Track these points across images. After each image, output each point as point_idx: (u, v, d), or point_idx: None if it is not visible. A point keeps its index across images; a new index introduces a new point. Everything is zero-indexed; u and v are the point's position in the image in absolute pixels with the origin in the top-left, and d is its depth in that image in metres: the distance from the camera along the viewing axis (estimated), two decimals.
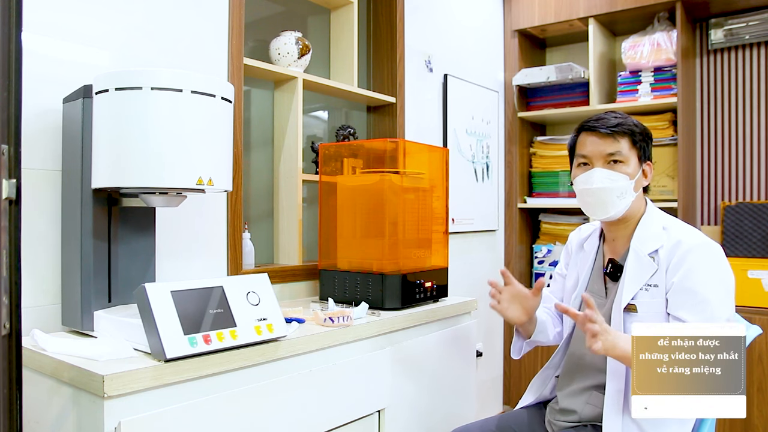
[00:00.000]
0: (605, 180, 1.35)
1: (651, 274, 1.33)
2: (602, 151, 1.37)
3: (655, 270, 1.32)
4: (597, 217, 1.41)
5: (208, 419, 1.16)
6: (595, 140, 1.38)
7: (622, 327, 1.33)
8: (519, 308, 1.48)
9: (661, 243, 1.34)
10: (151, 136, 1.20)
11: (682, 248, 1.30)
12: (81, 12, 1.47)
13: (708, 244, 1.31)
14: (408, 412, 1.69)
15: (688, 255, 1.29)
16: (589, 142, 1.39)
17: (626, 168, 1.36)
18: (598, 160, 1.38)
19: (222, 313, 1.22)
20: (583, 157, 1.41)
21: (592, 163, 1.39)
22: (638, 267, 1.34)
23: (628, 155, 1.37)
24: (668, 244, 1.33)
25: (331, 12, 2.33)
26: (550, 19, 2.99)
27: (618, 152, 1.36)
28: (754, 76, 2.78)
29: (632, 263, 1.36)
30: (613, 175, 1.35)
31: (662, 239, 1.34)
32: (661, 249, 1.33)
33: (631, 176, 1.36)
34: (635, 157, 1.38)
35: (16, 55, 0.75)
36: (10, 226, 0.74)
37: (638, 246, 1.36)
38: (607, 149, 1.37)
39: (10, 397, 0.75)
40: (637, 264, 1.35)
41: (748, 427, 2.42)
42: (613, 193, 1.35)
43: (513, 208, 3.15)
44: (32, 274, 1.36)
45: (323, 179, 1.95)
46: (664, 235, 1.35)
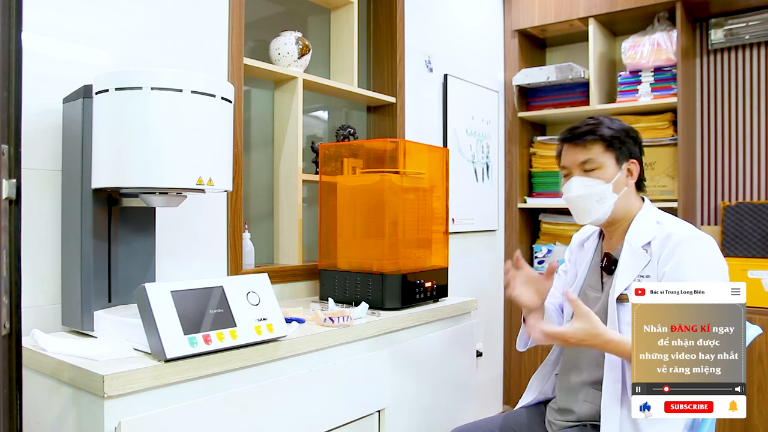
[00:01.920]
0: (581, 187, 1.40)
1: (644, 265, 1.35)
2: (575, 160, 1.42)
3: (648, 261, 1.35)
4: (582, 222, 1.45)
5: (208, 419, 1.16)
6: (569, 150, 1.44)
7: (617, 318, 1.35)
8: (533, 292, 1.49)
9: (654, 235, 1.37)
10: (151, 136, 1.20)
11: (673, 240, 1.33)
12: (81, 12, 1.47)
13: (699, 236, 1.34)
14: (408, 412, 1.69)
15: (679, 246, 1.32)
16: (565, 153, 1.45)
17: (602, 173, 1.40)
18: (575, 168, 1.42)
19: (222, 313, 1.22)
20: (563, 168, 1.47)
21: (571, 172, 1.44)
22: (632, 258, 1.37)
23: (603, 160, 1.40)
24: (660, 236, 1.36)
25: (331, 12, 2.33)
26: (550, 19, 3.00)
27: (590, 159, 1.40)
28: (754, 76, 2.78)
29: (626, 255, 1.39)
30: (588, 182, 1.40)
31: (655, 232, 1.37)
32: (654, 241, 1.36)
33: (608, 180, 1.39)
34: (612, 159, 1.40)
35: (16, 55, 0.75)
36: (10, 226, 0.74)
37: (632, 239, 1.39)
38: (580, 158, 1.41)
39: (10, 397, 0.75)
40: (631, 255, 1.38)
41: (748, 427, 2.42)
42: (591, 199, 1.40)
43: (513, 208, 3.15)
44: (32, 274, 1.36)
45: (323, 179, 1.95)
46: (657, 228, 1.38)
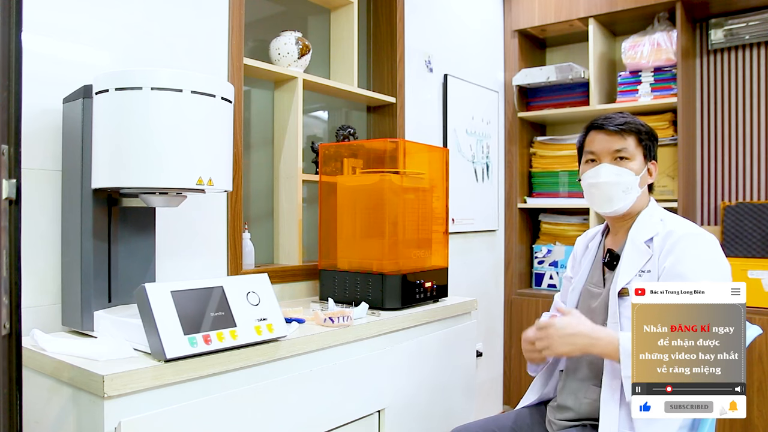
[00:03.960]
0: (611, 175, 1.41)
1: (646, 261, 1.37)
2: (609, 147, 1.43)
3: (650, 256, 1.37)
4: (603, 210, 1.45)
5: (208, 419, 1.16)
6: (603, 137, 1.44)
7: (618, 312, 1.36)
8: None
9: (657, 231, 1.38)
10: (151, 136, 1.20)
11: (674, 236, 1.35)
12: (81, 12, 1.47)
13: (700, 233, 1.35)
14: (408, 412, 1.69)
15: (679, 242, 1.33)
16: (597, 140, 1.45)
17: (632, 164, 1.42)
18: (606, 156, 1.43)
19: (222, 313, 1.22)
20: (591, 154, 1.46)
21: (599, 159, 1.45)
22: (634, 253, 1.39)
23: (634, 152, 1.42)
24: (663, 232, 1.37)
25: (331, 12, 2.33)
26: (550, 19, 2.99)
27: (624, 149, 1.42)
28: (754, 76, 2.78)
29: (629, 250, 1.40)
30: (619, 171, 1.41)
31: (658, 228, 1.39)
32: (656, 237, 1.38)
33: (637, 172, 1.41)
34: (641, 155, 1.43)
35: (16, 55, 0.75)
36: (10, 226, 0.75)
37: (635, 234, 1.41)
38: (614, 146, 1.42)
39: (10, 397, 0.75)
40: (633, 250, 1.39)
41: (748, 427, 2.42)
42: (618, 188, 1.40)
43: (513, 208, 3.15)
44: (32, 274, 1.36)
45: (323, 179, 1.95)
46: (660, 225, 1.40)
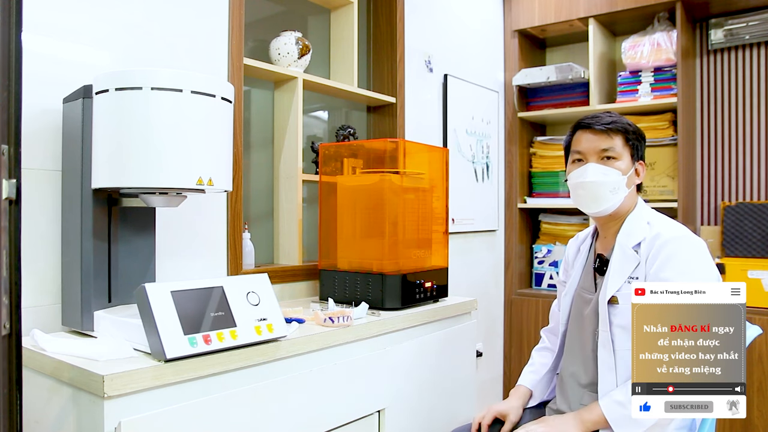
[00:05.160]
0: (598, 174, 1.39)
1: (634, 267, 1.35)
2: (596, 147, 1.41)
3: (638, 263, 1.35)
4: (590, 210, 1.43)
5: (208, 419, 1.16)
6: (589, 137, 1.43)
7: (608, 320, 1.35)
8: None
9: (644, 236, 1.37)
10: (151, 136, 1.20)
11: (660, 240, 1.33)
12: (81, 12, 1.47)
13: (686, 237, 1.34)
14: (408, 412, 1.69)
15: (664, 247, 1.32)
16: (584, 139, 1.44)
17: (619, 164, 1.40)
18: (592, 155, 1.42)
19: (222, 313, 1.22)
20: (578, 153, 1.45)
21: (586, 158, 1.43)
22: (623, 260, 1.37)
23: (622, 152, 1.41)
24: (649, 237, 1.36)
25: (331, 12, 2.33)
26: (550, 19, 2.99)
27: (611, 148, 1.40)
28: (754, 76, 2.78)
29: (617, 256, 1.39)
30: (606, 170, 1.39)
31: (645, 232, 1.37)
32: (643, 242, 1.36)
33: (624, 172, 1.40)
34: (628, 154, 1.42)
35: (16, 55, 0.75)
36: (10, 226, 0.75)
37: (623, 240, 1.40)
38: (601, 145, 1.41)
39: (10, 397, 0.75)
40: (622, 257, 1.38)
41: (748, 427, 2.42)
42: (605, 187, 1.39)
43: (513, 208, 3.15)
44: (32, 274, 1.36)
45: (323, 179, 1.95)
46: (647, 229, 1.38)
